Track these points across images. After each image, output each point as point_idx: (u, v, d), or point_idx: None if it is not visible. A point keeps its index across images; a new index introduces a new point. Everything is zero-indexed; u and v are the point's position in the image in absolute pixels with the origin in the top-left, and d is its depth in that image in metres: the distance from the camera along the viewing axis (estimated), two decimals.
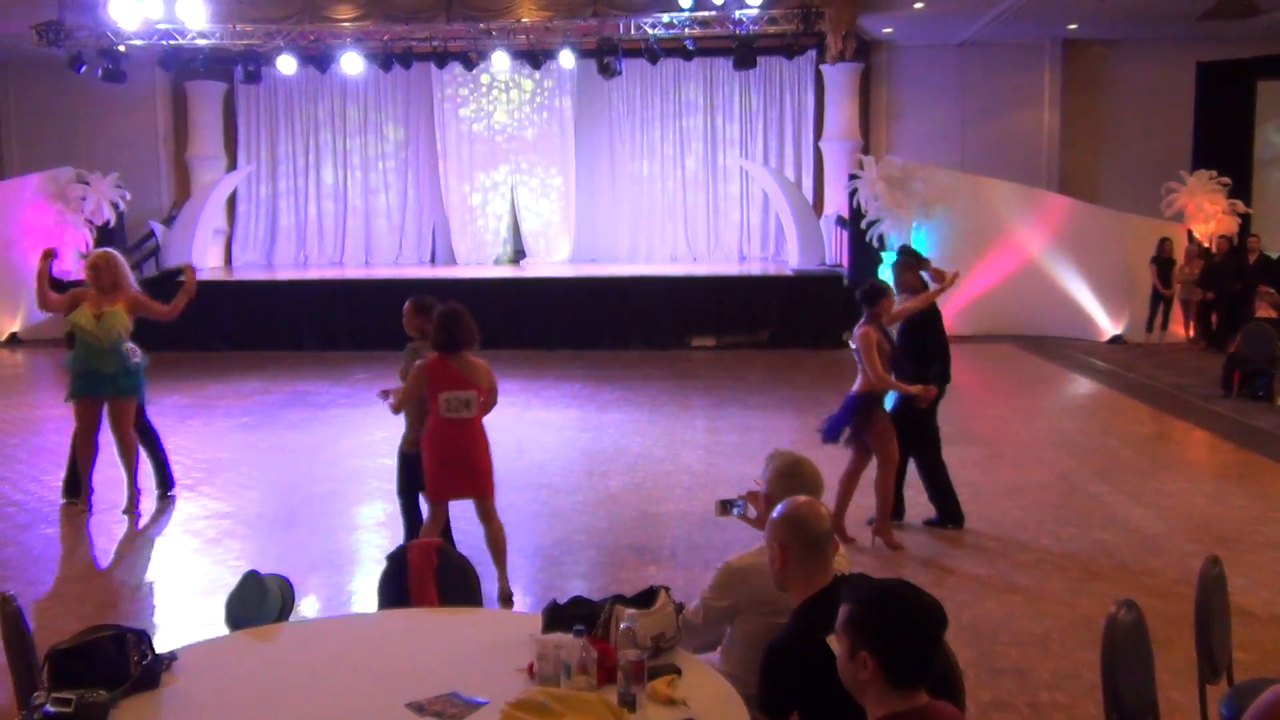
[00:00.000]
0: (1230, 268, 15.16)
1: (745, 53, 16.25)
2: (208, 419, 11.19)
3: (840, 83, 18.32)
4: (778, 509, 3.03)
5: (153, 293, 7.81)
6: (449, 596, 3.87)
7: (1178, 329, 15.77)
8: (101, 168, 17.62)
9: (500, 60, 17.01)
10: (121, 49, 16.40)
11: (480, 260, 19.86)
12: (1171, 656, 4.55)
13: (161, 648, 3.14)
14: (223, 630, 3.63)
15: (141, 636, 3.05)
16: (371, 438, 9.68)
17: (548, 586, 6.05)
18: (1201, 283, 15.16)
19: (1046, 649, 5.24)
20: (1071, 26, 18.17)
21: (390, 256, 20.37)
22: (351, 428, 10.55)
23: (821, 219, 18.29)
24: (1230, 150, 17.68)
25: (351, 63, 16.95)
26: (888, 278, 7.94)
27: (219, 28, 16.66)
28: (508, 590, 5.89)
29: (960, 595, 5.89)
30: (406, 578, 3.94)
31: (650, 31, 16.18)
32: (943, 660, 2.78)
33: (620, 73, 16.84)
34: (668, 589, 3.28)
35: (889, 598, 2.39)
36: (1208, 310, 15.36)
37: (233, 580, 3.76)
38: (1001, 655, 5.16)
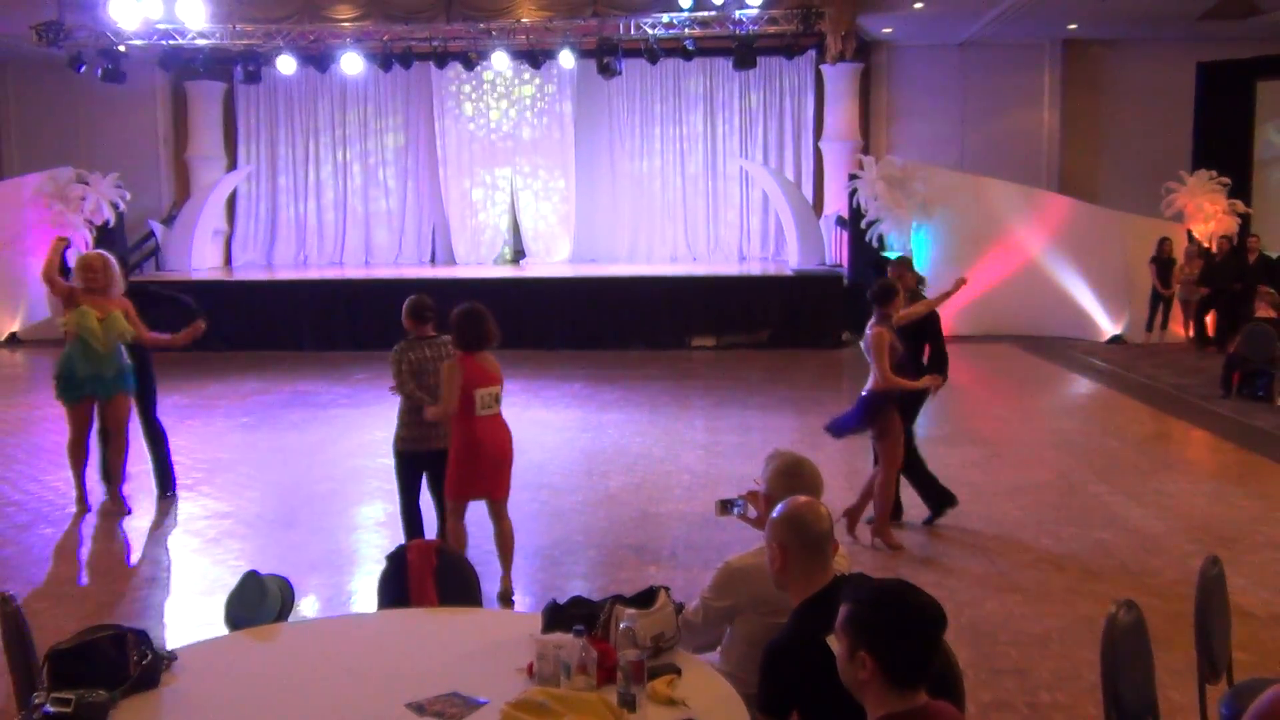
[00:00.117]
0: (1230, 268, 15.16)
1: (745, 53, 16.24)
2: (208, 419, 11.19)
3: (840, 83, 18.32)
4: (778, 509, 3.03)
5: (135, 303, 7.74)
6: (449, 596, 3.88)
7: (1178, 329, 15.77)
8: (101, 168, 17.63)
9: (500, 60, 17.02)
10: (121, 49, 16.39)
11: (480, 260, 19.87)
12: (1171, 656, 4.54)
13: (161, 648, 3.13)
14: (223, 630, 3.63)
15: (141, 636, 3.05)
16: (371, 438, 9.67)
17: (548, 586, 6.05)
18: (1201, 282, 15.17)
19: (1046, 649, 5.24)
20: (1071, 26, 18.17)
21: (390, 256, 20.37)
22: (351, 428, 10.55)
23: (821, 219, 18.29)
24: (1230, 150, 17.68)
25: (351, 63, 16.95)
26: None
27: (219, 28, 16.66)
28: (510, 590, 5.89)
29: (960, 595, 5.88)
30: (406, 578, 3.94)
31: (650, 31, 16.18)
32: (943, 660, 2.78)
33: (620, 73, 16.84)
34: (668, 589, 3.28)
35: (889, 598, 2.39)
36: (1206, 310, 15.35)
37: (233, 580, 3.77)
38: (1001, 655, 5.16)
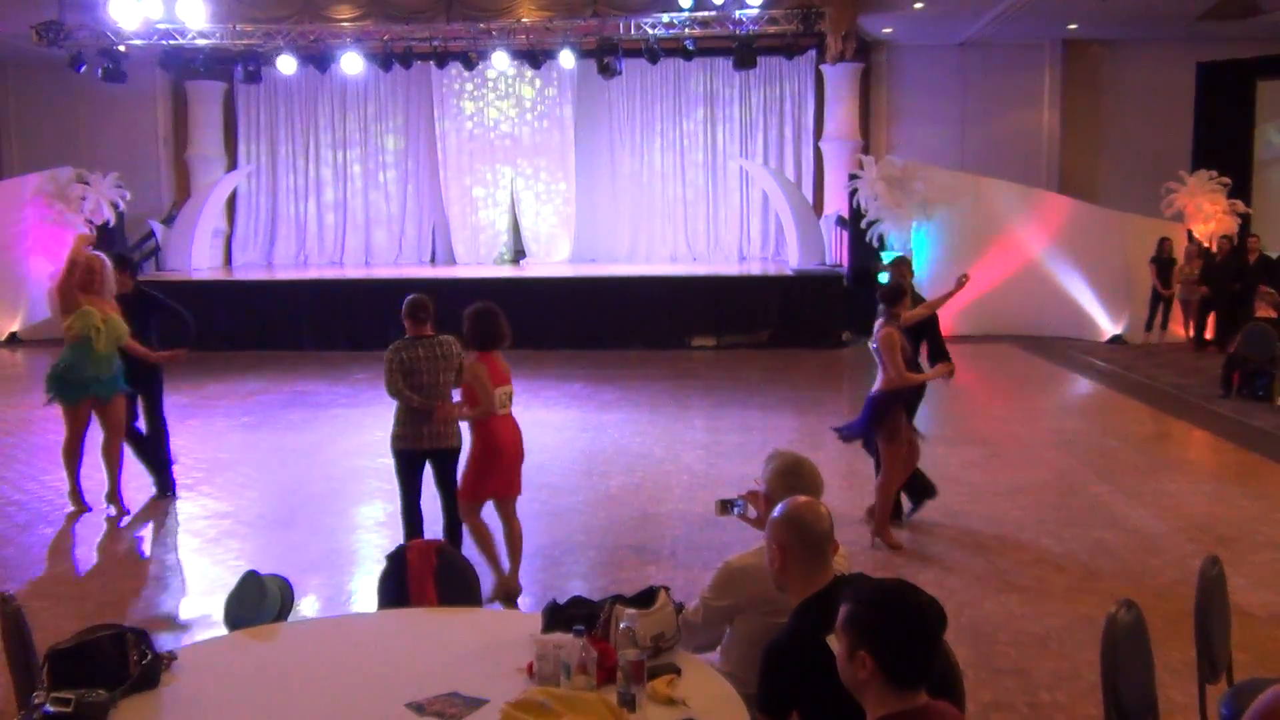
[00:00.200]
0: (1230, 268, 15.16)
1: (745, 53, 16.24)
2: (208, 419, 11.19)
3: (840, 83, 18.33)
4: (777, 509, 3.02)
5: (138, 304, 7.77)
6: (448, 596, 3.88)
7: (1178, 329, 15.77)
8: (101, 168, 17.64)
9: (500, 60, 17.03)
10: (121, 49, 16.40)
11: (480, 260, 19.87)
12: (1171, 656, 4.55)
13: (161, 648, 3.14)
14: (222, 630, 3.63)
15: (141, 636, 3.05)
16: (371, 437, 9.66)
17: (548, 586, 6.04)
18: (1201, 282, 15.16)
19: (1046, 649, 5.24)
20: (1071, 26, 18.17)
21: (390, 256, 20.38)
22: (351, 428, 10.55)
23: (821, 219, 18.30)
24: (1230, 150, 17.70)
25: (351, 63, 16.95)
26: (884, 279, 8.03)
27: (219, 28, 16.66)
28: (518, 588, 5.89)
29: (960, 595, 5.88)
30: (406, 578, 3.94)
31: (650, 31, 16.18)
32: (943, 660, 2.78)
33: (620, 73, 16.84)
34: (668, 589, 3.28)
35: (889, 598, 2.39)
36: (1206, 310, 15.35)
37: (232, 580, 3.77)
38: (1001, 655, 5.16)
